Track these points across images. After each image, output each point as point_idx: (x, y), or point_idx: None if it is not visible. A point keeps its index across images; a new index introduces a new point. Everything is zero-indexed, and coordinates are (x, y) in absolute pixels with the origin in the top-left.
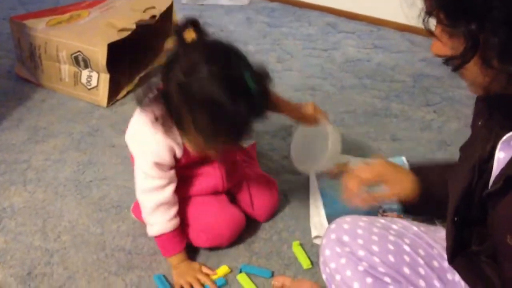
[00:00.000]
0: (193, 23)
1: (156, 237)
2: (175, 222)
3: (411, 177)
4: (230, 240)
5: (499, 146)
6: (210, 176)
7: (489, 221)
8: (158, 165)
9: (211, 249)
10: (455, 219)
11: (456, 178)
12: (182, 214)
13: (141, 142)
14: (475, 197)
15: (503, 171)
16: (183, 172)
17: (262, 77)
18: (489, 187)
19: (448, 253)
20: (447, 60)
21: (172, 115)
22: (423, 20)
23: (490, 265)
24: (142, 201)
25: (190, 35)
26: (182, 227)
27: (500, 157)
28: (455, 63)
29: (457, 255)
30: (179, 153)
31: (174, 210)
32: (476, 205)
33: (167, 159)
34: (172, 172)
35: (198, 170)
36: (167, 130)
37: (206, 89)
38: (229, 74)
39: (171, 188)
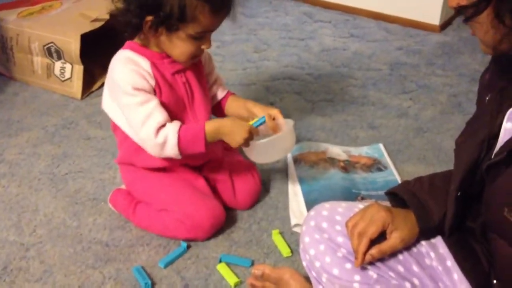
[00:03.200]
0: None
1: (179, 144)
2: (179, 123)
3: (412, 219)
4: (209, 233)
5: (507, 116)
6: None
7: (485, 196)
8: (138, 89)
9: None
10: (458, 194)
11: (463, 153)
12: (162, 199)
13: (116, 85)
14: (479, 171)
15: (508, 142)
16: None
17: None
18: (492, 158)
19: (447, 229)
20: (461, 9)
21: (163, 23)
22: None
23: (481, 244)
24: (145, 134)
25: None
26: (161, 215)
27: (507, 128)
28: (469, 12)
29: (455, 231)
30: (151, 82)
31: (172, 123)
32: (478, 180)
33: (142, 83)
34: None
35: None
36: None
37: None
38: None
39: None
